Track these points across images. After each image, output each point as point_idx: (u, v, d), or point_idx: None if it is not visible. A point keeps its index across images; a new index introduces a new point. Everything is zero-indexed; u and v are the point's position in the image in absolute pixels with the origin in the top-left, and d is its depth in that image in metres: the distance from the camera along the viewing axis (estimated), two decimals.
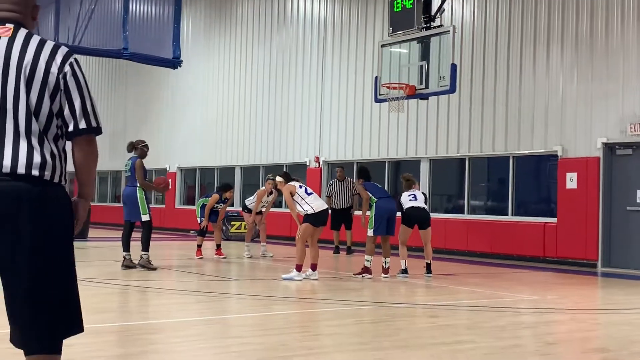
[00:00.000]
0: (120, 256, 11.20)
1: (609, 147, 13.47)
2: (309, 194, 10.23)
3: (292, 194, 10.19)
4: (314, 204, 10.12)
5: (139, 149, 11.12)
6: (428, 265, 11.04)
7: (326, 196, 15.92)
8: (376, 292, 9.45)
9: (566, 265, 13.71)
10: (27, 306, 2.83)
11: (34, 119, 2.86)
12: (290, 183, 10.41)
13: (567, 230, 13.81)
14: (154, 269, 10.79)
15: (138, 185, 10.86)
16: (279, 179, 10.76)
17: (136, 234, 11.14)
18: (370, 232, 10.74)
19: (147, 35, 18.07)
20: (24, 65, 2.87)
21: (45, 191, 2.85)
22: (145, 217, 10.81)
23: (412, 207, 10.98)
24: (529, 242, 14.39)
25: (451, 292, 9.45)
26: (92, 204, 3.13)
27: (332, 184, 15.77)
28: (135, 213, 10.85)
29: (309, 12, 20.06)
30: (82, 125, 2.95)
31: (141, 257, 10.82)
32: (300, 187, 10.30)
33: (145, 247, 10.80)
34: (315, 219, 10.08)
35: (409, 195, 11.18)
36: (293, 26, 20.53)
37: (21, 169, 2.81)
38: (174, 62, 17.54)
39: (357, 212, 15.16)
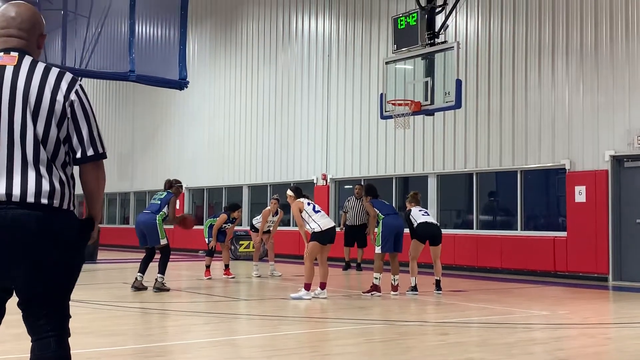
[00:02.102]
0: (128, 278, 11.20)
1: (617, 160, 13.42)
2: (316, 212, 10.20)
3: (299, 211, 10.17)
4: (321, 221, 10.10)
5: (175, 187, 11.46)
6: (438, 282, 10.98)
7: (342, 212, 15.93)
8: (386, 310, 9.40)
9: (577, 279, 13.62)
10: (40, 313, 2.97)
11: (41, 147, 2.90)
12: (299, 200, 10.38)
13: (577, 244, 13.73)
14: (167, 290, 10.87)
15: (159, 214, 10.99)
16: (289, 192, 10.65)
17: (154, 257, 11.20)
18: (378, 250, 10.71)
19: (154, 57, 18.16)
20: (29, 95, 2.89)
21: (55, 218, 2.89)
22: (163, 242, 10.99)
23: (426, 222, 10.95)
24: (539, 256, 14.31)
25: (461, 309, 9.39)
26: (100, 226, 3.21)
27: (349, 200, 15.76)
28: (155, 239, 10.97)
29: (314, 31, 20.16)
30: (90, 152, 3.01)
31: (156, 280, 10.88)
32: (309, 204, 10.28)
33: (162, 271, 10.90)
34: (322, 236, 10.06)
35: (420, 211, 11.16)
36: (298, 45, 20.63)
37: (30, 198, 2.85)
38: (181, 84, 17.62)
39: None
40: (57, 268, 2.92)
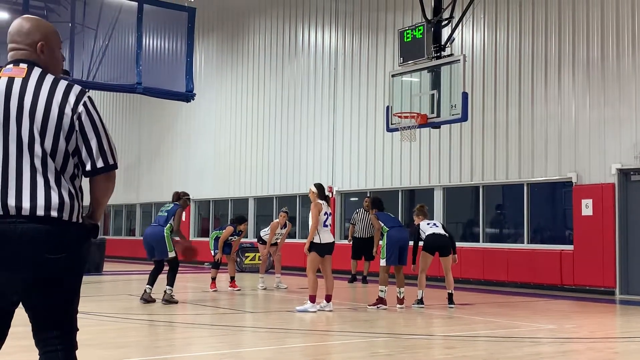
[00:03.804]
0: (134, 290, 11.19)
1: (624, 173, 13.39)
2: (324, 225, 10.21)
3: (318, 212, 10.11)
4: (323, 235, 10.12)
5: (182, 199, 11.36)
6: (450, 296, 10.92)
7: (350, 224, 15.92)
8: (391, 323, 9.38)
9: (584, 293, 13.56)
10: (48, 327, 2.98)
11: (50, 160, 2.89)
12: (320, 202, 10.31)
13: (584, 257, 13.68)
14: (176, 302, 10.88)
15: (167, 226, 10.95)
16: (313, 189, 10.51)
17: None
18: (382, 262, 10.70)
19: (160, 69, 18.27)
20: (37, 108, 2.89)
21: (65, 232, 2.90)
22: (172, 254, 10.96)
23: (433, 233, 10.94)
24: (546, 270, 14.26)
25: (468, 323, 9.36)
26: (107, 237, 3.23)
27: (357, 212, 15.76)
28: (163, 251, 10.96)
29: (320, 44, 20.23)
30: (100, 164, 3.00)
31: (165, 292, 10.88)
32: (325, 214, 10.24)
33: (171, 283, 10.89)
34: (320, 248, 10.09)
35: (429, 223, 11.16)
36: (304, 57, 20.70)
37: (40, 211, 2.85)
38: (187, 96, 17.71)
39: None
40: (65, 281, 2.93)
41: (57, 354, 2.95)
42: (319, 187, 10.51)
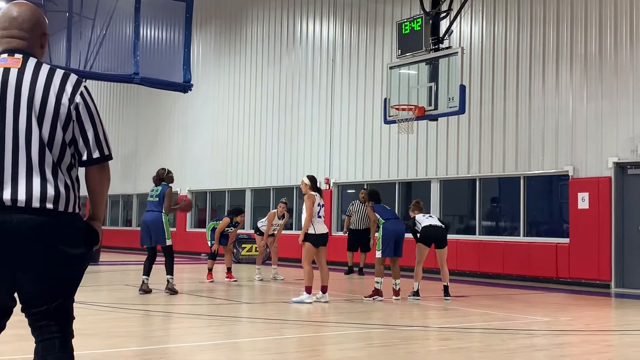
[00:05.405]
0: (131, 280, 11.18)
1: (620, 167, 13.41)
2: (318, 217, 10.23)
3: (312, 204, 10.14)
4: (317, 226, 10.16)
5: (166, 177, 11.13)
6: (446, 288, 10.95)
7: (346, 215, 15.94)
8: (387, 314, 9.40)
9: (579, 286, 13.60)
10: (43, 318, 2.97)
11: (47, 151, 2.89)
12: (313, 193, 10.34)
13: (579, 250, 13.72)
14: (176, 292, 10.89)
15: (164, 211, 10.86)
16: (305, 180, 10.51)
17: (158, 258, 11.15)
18: (378, 254, 10.73)
19: (158, 59, 18.24)
20: (34, 98, 2.89)
21: (60, 222, 2.90)
22: (169, 242, 10.89)
23: (430, 225, 10.96)
24: (542, 263, 14.30)
25: (463, 315, 9.39)
26: (103, 228, 3.22)
27: (353, 204, 15.77)
28: (161, 238, 10.89)
29: (318, 35, 20.19)
30: (96, 154, 3.00)
31: (168, 282, 10.86)
32: (318, 205, 10.27)
33: (171, 272, 10.87)
34: (315, 239, 10.12)
35: (424, 215, 11.20)
36: (302, 48, 20.66)
37: (35, 203, 2.84)
38: (184, 86, 17.66)
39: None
40: (62, 271, 2.93)
41: (53, 341, 2.96)
42: (312, 179, 10.56)
